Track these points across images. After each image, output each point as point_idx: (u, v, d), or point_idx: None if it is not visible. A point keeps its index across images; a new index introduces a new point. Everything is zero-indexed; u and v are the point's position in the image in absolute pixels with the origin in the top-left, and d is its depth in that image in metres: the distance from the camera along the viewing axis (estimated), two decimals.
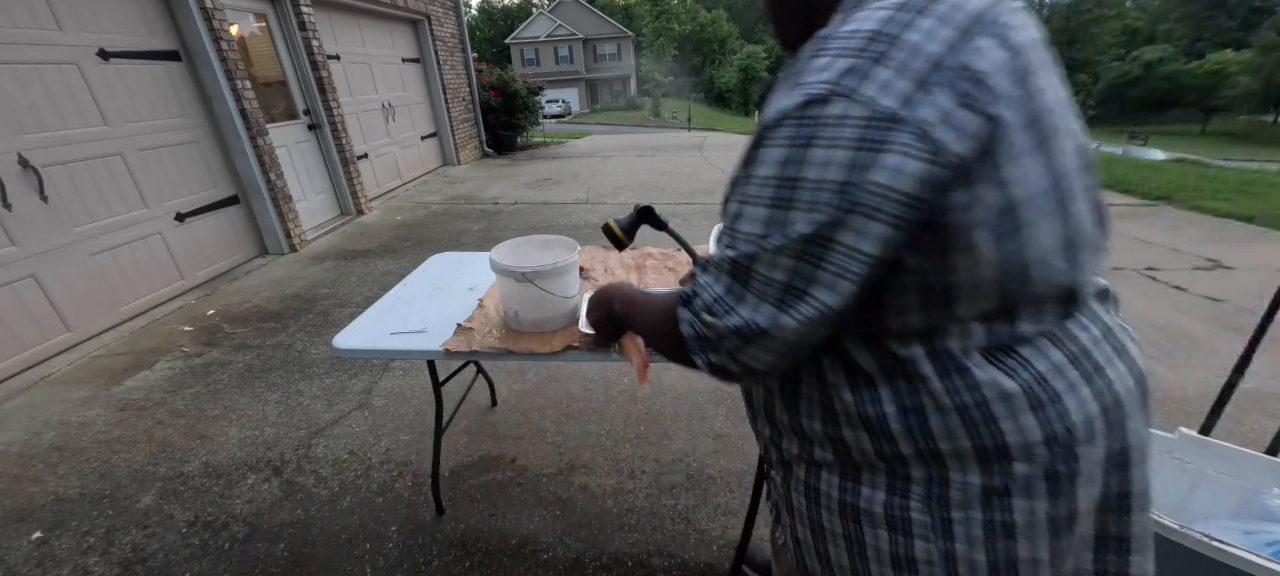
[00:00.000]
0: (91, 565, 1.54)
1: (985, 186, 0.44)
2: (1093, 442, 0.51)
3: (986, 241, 0.45)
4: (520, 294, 1.23)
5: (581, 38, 42.41)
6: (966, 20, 0.44)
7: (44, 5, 2.77)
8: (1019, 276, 0.47)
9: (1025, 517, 0.52)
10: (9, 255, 2.56)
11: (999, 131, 0.43)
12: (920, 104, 0.42)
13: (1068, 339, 0.52)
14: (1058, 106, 0.48)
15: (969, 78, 0.43)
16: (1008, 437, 0.50)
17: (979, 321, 0.50)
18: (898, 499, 0.55)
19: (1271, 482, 1.23)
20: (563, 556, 1.52)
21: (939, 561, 0.55)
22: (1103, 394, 0.52)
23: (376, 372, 2.47)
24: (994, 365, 0.50)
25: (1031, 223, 0.46)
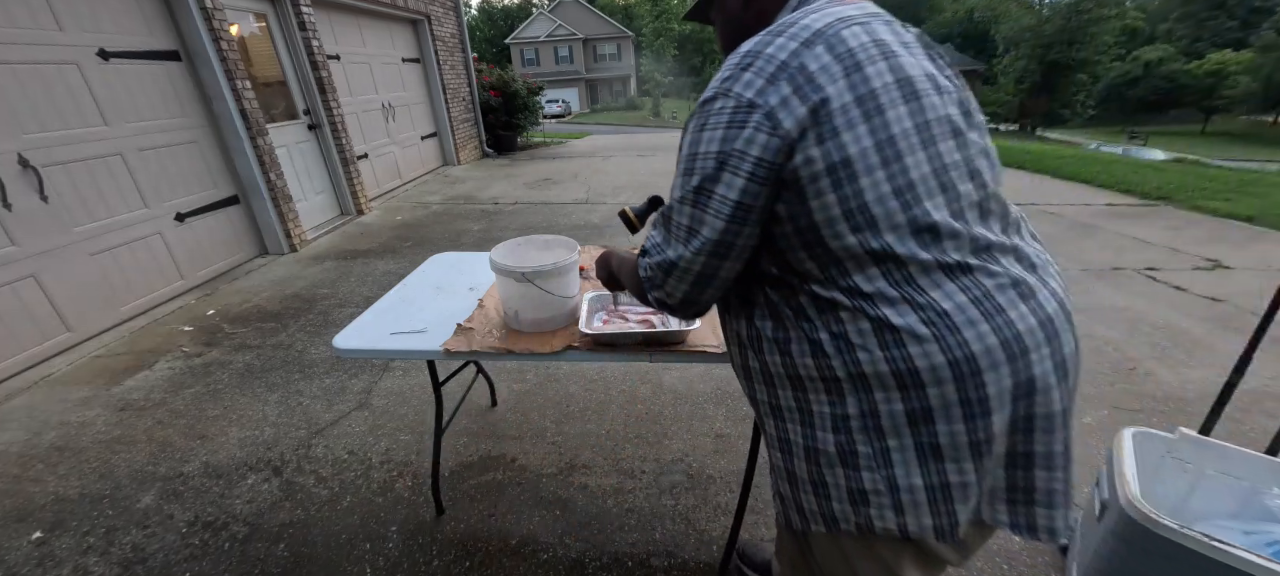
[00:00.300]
0: (91, 565, 1.54)
1: (820, 148, 0.60)
2: (996, 370, 0.60)
3: (826, 188, 0.61)
4: (520, 294, 1.23)
5: (581, 38, 42.40)
6: (808, 36, 0.62)
7: (44, 5, 2.76)
8: (863, 212, 0.61)
9: (948, 440, 0.62)
10: (9, 255, 2.56)
11: (823, 110, 0.60)
12: (768, 94, 0.61)
13: (971, 282, 0.62)
14: (887, 89, 0.61)
15: (802, 75, 0.61)
16: (916, 361, 0.61)
17: (868, 258, 0.62)
18: (844, 436, 0.67)
19: (1271, 482, 1.23)
20: (563, 556, 1.52)
21: (885, 490, 0.66)
22: (1002, 330, 0.61)
23: (376, 372, 2.47)
24: (899, 297, 0.62)
25: (862, 172, 0.60)
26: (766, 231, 0.68)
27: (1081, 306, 2.91)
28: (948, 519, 0.65)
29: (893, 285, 0.62)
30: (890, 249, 0.61)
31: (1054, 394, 0.63)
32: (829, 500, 0.70)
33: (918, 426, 0.63)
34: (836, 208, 0.61)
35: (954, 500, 0.65)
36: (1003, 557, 1.47)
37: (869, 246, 0.61)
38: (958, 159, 0.64)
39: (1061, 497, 0.68)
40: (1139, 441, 1.31)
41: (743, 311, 0.77)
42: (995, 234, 0.66)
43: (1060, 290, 0.67)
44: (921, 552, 0.72)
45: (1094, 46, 30.13)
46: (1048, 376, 0.63)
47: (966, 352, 0.60)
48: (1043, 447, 0.65)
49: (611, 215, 5.05)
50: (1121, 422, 1.91)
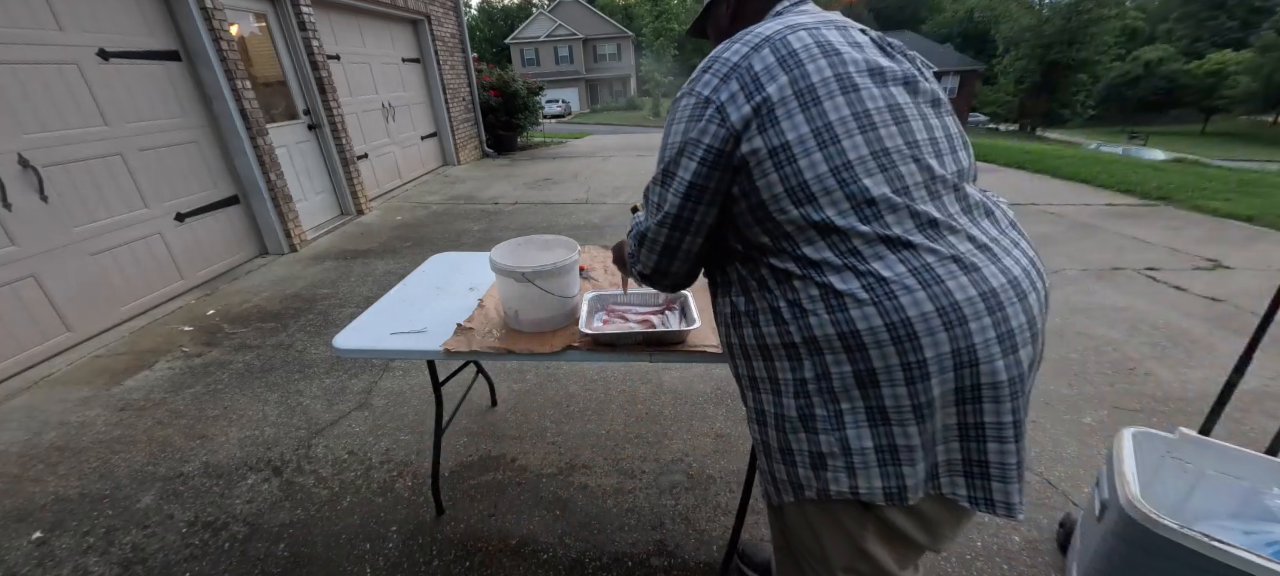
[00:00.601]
0: (91, 565, 1.54)
1: (762, 136, 0.69)
2: (933, 336, 0.65)
3: (770, 169, 0.69)
4: (520, 294, 1.23)
5: (581, 38, 42.38)
6: (757, 41, 0.72)
7: (44, 5, 2.76)
8: (803, 190, 0.68)
9: (893, 403, 0.67)
10: (9, 255, 2.56)
11: (766, 104, 0.69)
12: (720, 91, 0.72)
13: (911, 254, 0.67)
14: (826, 83, 0.69)
15: (749, 74, 0.70)
16: (857, 324, 0.66)
17: (812, 230, 0.69)
18: (804, 400, 0.73)
19: (1271, 482, 1.23)
20: (563, 556, 1.52)
21: (839, 452, 0.71)
22: (938, 298, 0.65)
23: (376, 372, 2.47)
24: (843, 266, 0.68)
25: (800, 155, 0.68)
26: (728, 211, 0.77)
27: (1081, 306, 2.91)
28: (896, 481, 0.70)
29: (837, 255, 0.68)
30: (831, 221, 0.68)
31: (999, 365, 0.66)
32: (794, 466, 0.76)
33: (866, 389, 0.68)
34: (779, 186, 0.69)
35: (901, 463, 0.69)
36: (1002, 557, 1.47)
37: (811, 219, 0.69)
38: (900, 143, 0.70)
39: (1015, 472, 0.70)
40: (1139, 441, 1.31)
41: (723, 291, 0.85)
42: (943, 213, 0.70)
43: (1015, 267, 0.70)
44: (885, 527, 0.75)
45: (1094, 46, 30.12)
46: (991, 346, 0.65)
47: (902, 316, 0.65)
48: (992, 418, 0.68)
49: (612, 215, 5.05)
50: (1121, 422, 1.91)
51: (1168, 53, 39.00)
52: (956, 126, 0.78)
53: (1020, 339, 0.67)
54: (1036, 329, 0.70)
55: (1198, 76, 35.94)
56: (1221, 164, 11.28)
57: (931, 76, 0.80)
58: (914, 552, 0.80)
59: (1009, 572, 1.44)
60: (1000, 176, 6.60)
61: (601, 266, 1.66)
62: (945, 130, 0.75)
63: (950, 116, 0.78)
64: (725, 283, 0.84)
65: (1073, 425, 1.98)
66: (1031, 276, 0.71)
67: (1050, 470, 1.77)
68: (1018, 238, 0.76)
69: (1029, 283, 0.70)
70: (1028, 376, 0.69)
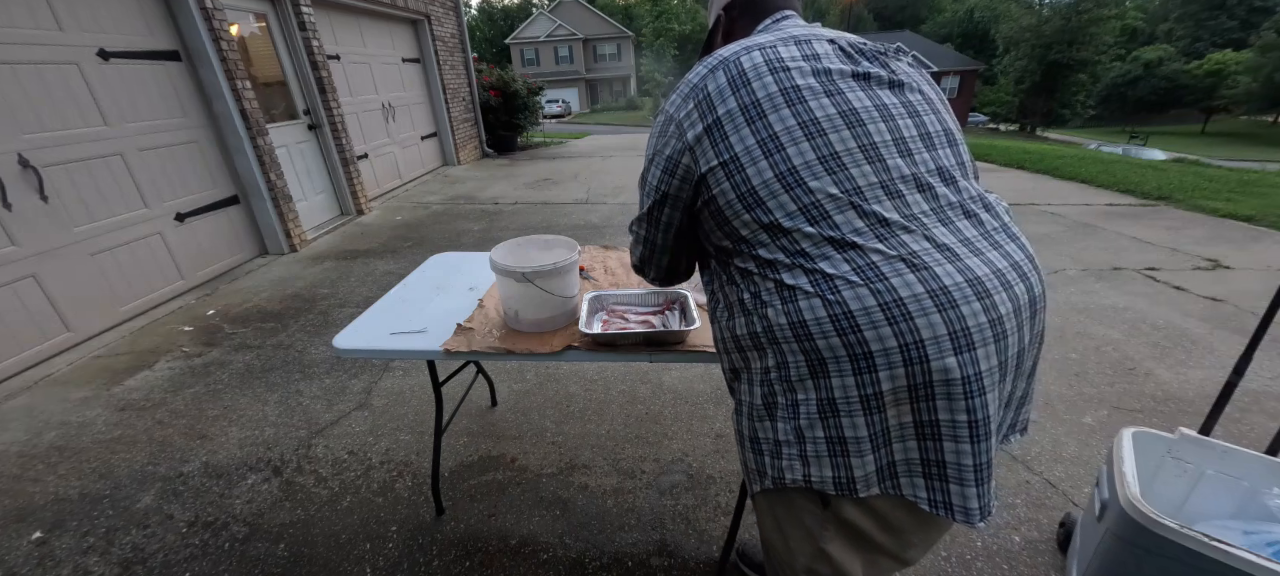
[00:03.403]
0: (91, 565, 1.54)
1: (713, 149, 0.76)
2: (876, 328, 0.66)
3: (722, 178, 0.76)
4: (520, 294, 1.23)
5: (581, 38, 42.37)
6: (715, 64, 0.78)
7: (44, 5, 2.76)
8: (752, 195, 0.73)
9: (841, 394, 0.70)
10: (9, 255, 2.56)
11: (716, 123, 0.75)
12: (681, 109, 0.80)
13: (856, 254, 0.69)
14: (771, 98, 0.73)
15: (702, 94, 0.77)
16: (804, 314, 0.70)
17: (763, 231, 0.73)
18: (766, 389, 0.77)
19: (1271, 482, 1.23)
20: (563, 556, 1.52)
21: (794, 440, 0.74)
22: (881, 294, 0.66)
23: (376, 372, 2.47)
24: (793, 265, 0.72)
25: (747, 164, 0.73)
26: (697, 217, 0.84)
27: (1081, 306, 2.91)
28: (845, 471, 0.72)
29: (786, 255, 0.72)
30: (778, 222, 0.72)
31: (950, 361, 0.65)
32: (761, 455, 0.79)
33: (818, 379, 0.71)
34: (732, 193, 0.75)
35: (849, 453, 0.71)
36: (1003, 557, 1.47)
37: (761, 221, 0.73)
38: (852, 146, 0.72)
39: (972, 475, 0.68)
40: (1139, 441, 1.31)
41: (708, 287, 0.93)
42: (899, 213, 0.71)
43: (981, 267, 0.69)
44: (844, 526, 0.76)
45: (1094, 46, 30.13)
46: (941, 342, 0.65)
47: (845, 309, 0.67)
48: (946, 416, 0.67)
49: (612, 215, 5.05)
50: (1121, 422, 1.91)
51: (1168, 53, 38.99)
52: (941, 124, 0.78)
53: (978, 337, 0.66)
54: (1004, 328, 0.68)
55: (1198, 76, 35.94)
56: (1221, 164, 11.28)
57: (919, 75, 0.81)
58: (882, 560, 0.79)
59: (1009, 573, 1.44)
60: (1000, 176, 6.60)
61: (601, 266, 1.66)
62: (920, 128, 0.75)
63: (933, 115, 0.78)
64: (709, 280, 0.92)
65: (1073, 425, 1.98)
66: (1007, 277, 0.69)
67: (1050, 470, 1.77)
68: (1003, 239, 0.74)
69: (1000, 282, 0.68)
70: (988, 376, 0.67)
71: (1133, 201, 5.21)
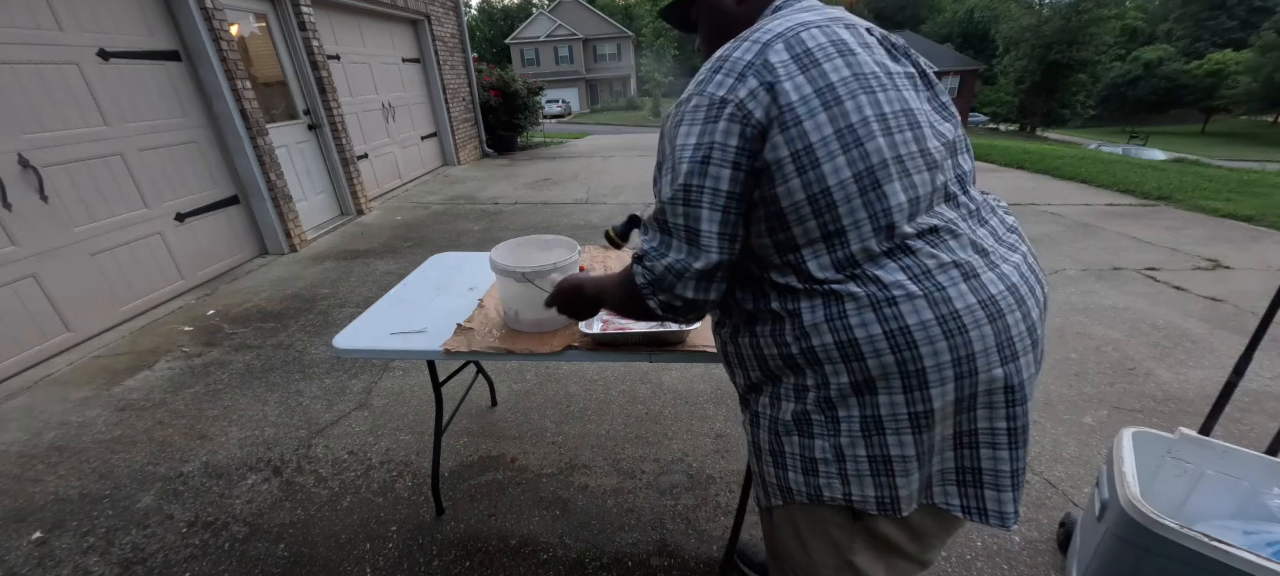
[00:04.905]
0: (91, 565, 1.54)
1: (783, 135, 0.64)
2: (932, 345, 0.63)
3: (791, 173, 0.65)
4: (520, 294, 1.23)
5: (581, 38, 42.37)
6: (768, 38, 0.67)
7: (44, 5, 2.76)
8: (825, 197, 0.65)
9: (889, 411, 0.66)
10: (9, 255, 2.56)
11: (785, 101, 0.64)
12: (737, 89, 0.66)
13: (913, 261, 0.66)
14: (846, 82, 0.65)
15: (766, 70, 0.65)
16: (855, 332, 0.65)
17: (821, 243, 0.67)
18: (800, 405, 0.72)
19: (1271, 482, 1.23)
20: (563, 556, 1.52)
21: (832, 458, 0.70)
22: (938, 305, 0.64)
23: (376, 372, 2.47)
24: (845, 278, 0.67)
25: (823, 158, 0.64)
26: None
27: (1081, 306, 2.91)
28: (889, 492, 0.69)
29: (839, 267, 0.67)
30: (843, 229, 0.66)
31: (997, 372, 0.65)
32: (785, 470, 0.75)
33: (862, 396, 0.67)
34: (801, 192, 0.65)
35: (894, 473, 0.68)
36: (1003, 557, 1.47)
37: (826, 228, 0.66)
38: (914, 149, 0.67)
39: (1009, 480, 0.69)
40: (1139, 441, 1.31)
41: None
42: (943, 219, 0.69)
43: (1013, 274, 0.68)
44: (873, 537, 0.74)
45: (1094, 46, 30.12)
46: (990, 354, 0.64)
47: (901, 325, 0.63)
48: (986, 424, 0.67)
49: (612, 215, 5.05)
50: (1121, 422, 1.91)
51: (1167, 53, 39.00)
52: (958, 130, 0.77)
53: (1020, 346, 0.66)
54: (1037, 335, 0.69)
55: (1198, 76, 35.94)
56: (1221, 164, 11.28)
57: (934, 78, 0.79)
58: (903, 564, 0.79)
59: (1009, 573, 1.44)
60: (1000, 176, 6.59)
61: (601, 266, 1.66)
62: (950, 135, 0.74)
63: (952, 120, 0.76)
64: None
65: (1073, 425, 1.98)
66: (1029, 282, 0.70)
67: (1050, 470, 1.77)
68: (1017, 242, 0.74)
69: (1027, 288, 0.69)
70: (1027, 384, 0.67)
71: (1133, 201, 5.21)
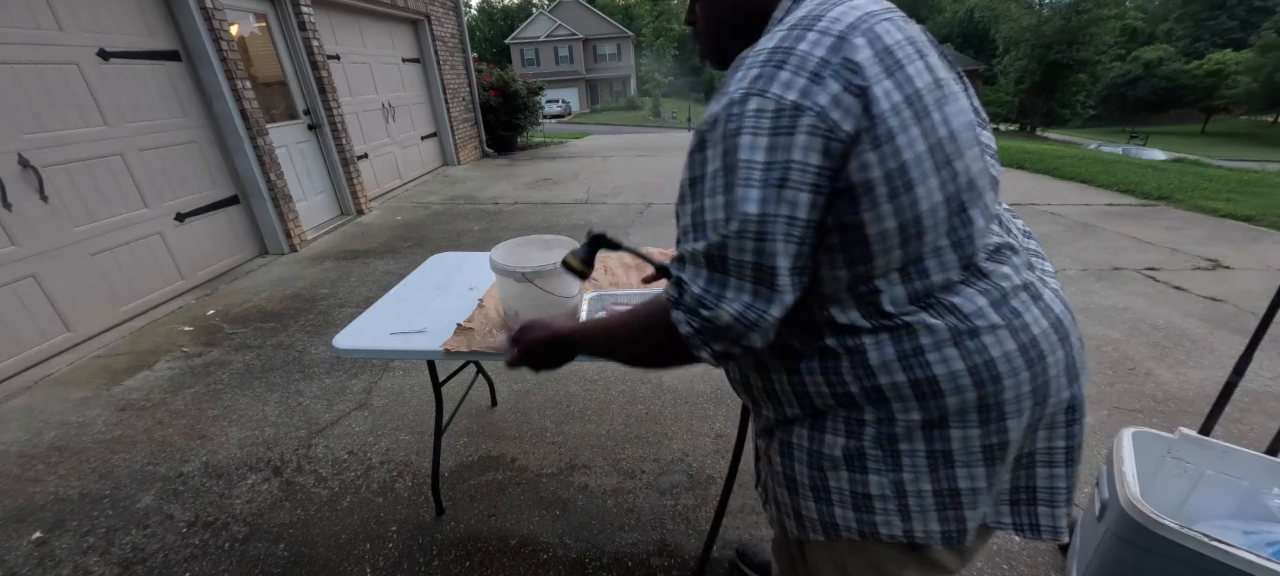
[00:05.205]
0: (91, 565, 1.54)
1: (875, 153, 0.54)
2: (1016, 376, 0.60)
3: (883, 198, 0.55)
4: (520, 294, 1.23)
5: (581, 38, 42.39)
6: (842, 29, 0.55)
7: (44, 5, 2.76)
8: (916, 224, 0.56)
9: (961, 445, 0.62)
10: (9, 255, 2.56)
11: (876, 111, 0.53)
12: (815, 94, 0.53)
13: (988, 286, 0.61)
14: (930, 90, 0.57)
15: (849, 70, 0.54)
16: (934, 369, 0.59)
17: (897, 272, 0.59)
18: (854, 441, 0.65)
19: (1271, 482, 1.23)
20: (563, 556, 1.52)
21: (891, 494, 0.64)
22: (1019, 333, 0.60)
23: (376, 373, 2.47)
24: (920, 308, 0.60)
25: (918, 180, 0.55)
26: None
27: (1081, 306, 2.91)
28: (956, 525, 0.65)
29: (914, 298, 0.60)
30: (924, 260, 0.58)
31: (1065, 395, 0.64)
32: (830, 505, 0.68)
33: (931, 432, 0.62)
34: (892, 219, 0.55)
35: (963, 506, 0.64)
36: (1003, 557, 1.47)
37: (909, 259, 0.58)
38: (982, 166, 0.61)
39: (1063, 495, 0.68)
40: (1139, 441, 1.31)
41: None
42: (1001, 237, 0.65)
43: (1058, 290, 0.68)
44: (925, 564, 0.71)
45: (1094, 46, 30.15)
46: (1061, 378, 0.63)
47: (986, 358, 0.59)
48: (1045, 444, 0.66)
49: (612, 215, 5.05)
50: (1121, 422, 1.91)
51: (1167, 53, 39.02)
52: (990, 137, 0.71)
53: (1078, 365, 0.65)
54: (1083, 349, 0.68)
55: (1198, 76, 35.96)
56: (1221, 164, 11.28)
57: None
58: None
59: (1009, 572, 1.44)
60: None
61: (601, 266, 1.66)
62: (992, 145, 0.69)
63: (986, 127, 0.70)
64: None
65: None
66: (1062, 295, 0.69)
67: None
68: (1039, 249, 0.72)
69: (1065, 302, 0.67)
70: (1085, 402, 0.66)
71: (1133, 201, 5.20)
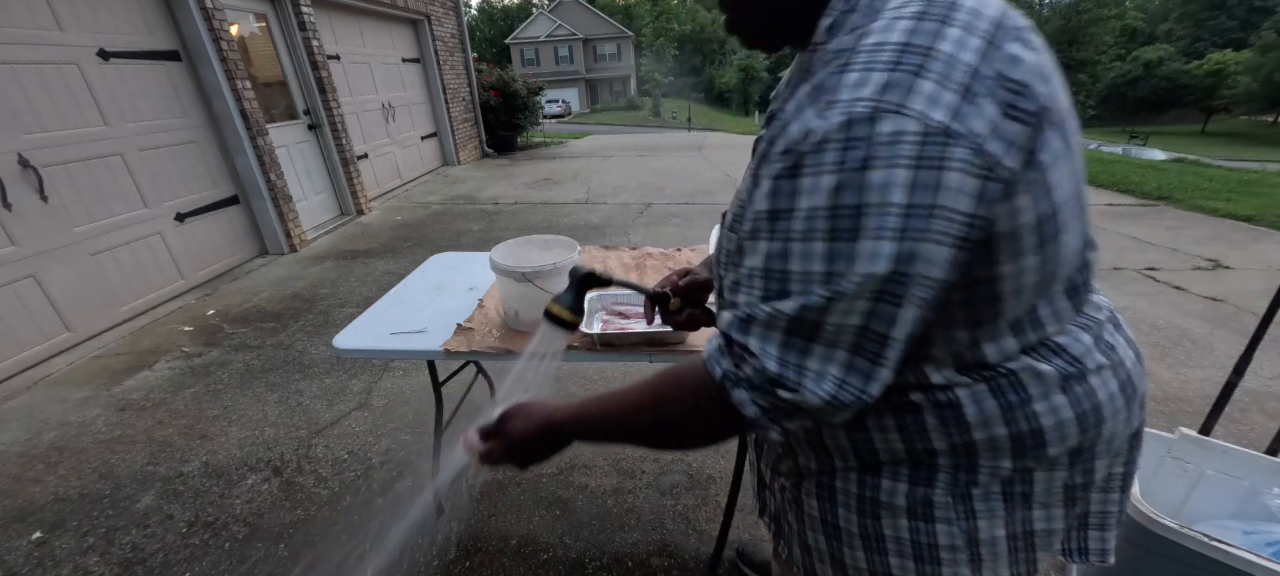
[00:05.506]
0: (91, 565, 1.54)
1: (1029, 194, 0.43)
2: (1115, 417, 0.55)
3: (1029, 248, 0.45)
4: (520, 294, 1.23)
5: (581, 38, 42.41)
6: (990, 27, 0.43)
7: (44, 5, 2.76)
8: (1052, 277, 0.48)
9: (1043, 487, 0.55)
10: (9, 255, 2.56)
11: (1040, 139, 0.42)
12: (969, 116, 0.40)
13: (1087, 320, 0.55)
14: (1070, 110, 0.47)
15: (1010, 86, 0.41)
16: (1042, 420, 0.52)
17: (1009, 325, 0.51)
18: (921, 488, 0.56)
19: (1271, 482, 1.23)
20: (563, 556, 1.52)
21: (962, 544, 0.56)
22: (1119, 369, 0.55)
23: (376, 372, 2.47)
24: (1027, 354, 0.52)
25: (1066, 226, 0.46)
26: None
27: None
28: (1027, 567, 0.59)
29: (1026, 348, 0.52)
30: (1038, 310, 0.51)
31: (1136, 421, 0.61)
32: (884, 555, 0.59)
33: (1013, 477, 0.55)
34: (1035, 272, 0.47)
35: (1036, 548, 0.59)
36: None
37: (1028, 304, 0.50)
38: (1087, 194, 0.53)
39: (1114, 519, 0.65)
40: None
41: None
42: None
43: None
44: None
45: (1094, 46, 30.20)
46: (1135, 406, 0.59)
47: (1094, 403, 0.53)
48: (1104, 472, 0.60)
49: (612, 215, 5.04)
50: None
51: (1168, 53, 39.04)
52: None
53: (1139, 387, 0.60)
54: None
55: (1198, 76, 35.98)
56: (1221, 164, 11.28)
57: None
58: None
59: None
60: None
61: (601, 266, 1.66)
62: None
63: None
64: None
65: None
66: None
67: None
68: None
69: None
70: (1144, 425, 0.64)
71: (1133, 201, 5.21)
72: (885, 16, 0.44)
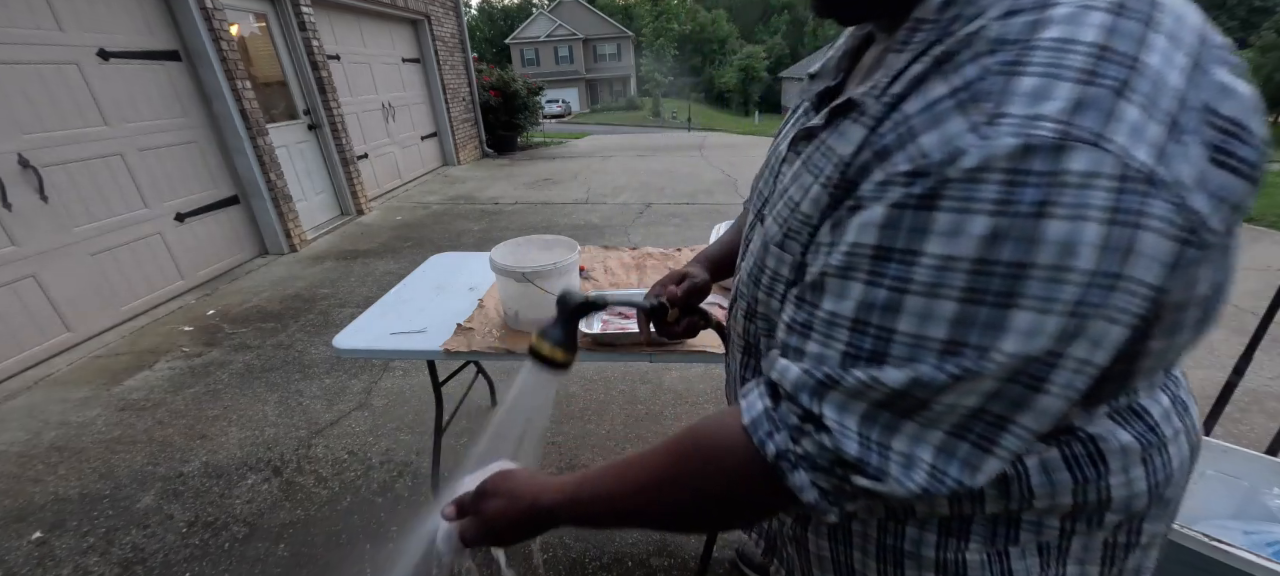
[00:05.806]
0: (91, 565, 1.54)
1: (1210, 266, 0.33)
2: (1179, 485, 0.49)
3: (1191, 324, 0.36)
4: (520, 294, 1.23)
5: (581, 38, 42.43)
6: (1196, 43, 0.32)
7: (44, 5, 2.76)
8: (1185, 348, 0.40)
9: (1081, 544, 0.48)
10: (9, 255, 2.56)
11: (1248, 197, 0.32)
12: (1176, 159, 0.30)
13: (1169, 382, 0.47)
14: None
15: (1220, 123, 0.31)
16: (1114, 492, 0.45)
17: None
18: (953, 541, 0.49)
19: (1271, 482, 1.23)
20: (563, 556, 1.52)
21: None
22: (1191, 432, 0.49)
23: (376, 372, 2.47)
24: (1109, 419, 0.44)
25: (1223, 295, 0.37)
26: None
27: None
28: None
29: (1112, 413, 0.44)
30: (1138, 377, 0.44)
31: (1188, 481, 0.57)
32: None
33: (1055, 538, 0.49)
34: (1179, 352, 0.40)
35: None
36: None
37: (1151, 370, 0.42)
38: None
39: (1148, 574, 0.61)
40: None
41: None
42: None
43: None
44: None
45: None
46: (1194, 467, 0.56)
47: (1168, 471, 0.46)
48: (1149, 533, 0.56)
49: (612, 215, 5.05)
50: None
51: None
52: None
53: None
54: None
55: None
56: None
57: None
58: None
59: None
60: None
61: (601, 266, 1.66)
62: None
63: None
64: None
65: None
66: None
67: None
68: None
69: None
70: None
71: None
72: (1065, 3, 0.32)
